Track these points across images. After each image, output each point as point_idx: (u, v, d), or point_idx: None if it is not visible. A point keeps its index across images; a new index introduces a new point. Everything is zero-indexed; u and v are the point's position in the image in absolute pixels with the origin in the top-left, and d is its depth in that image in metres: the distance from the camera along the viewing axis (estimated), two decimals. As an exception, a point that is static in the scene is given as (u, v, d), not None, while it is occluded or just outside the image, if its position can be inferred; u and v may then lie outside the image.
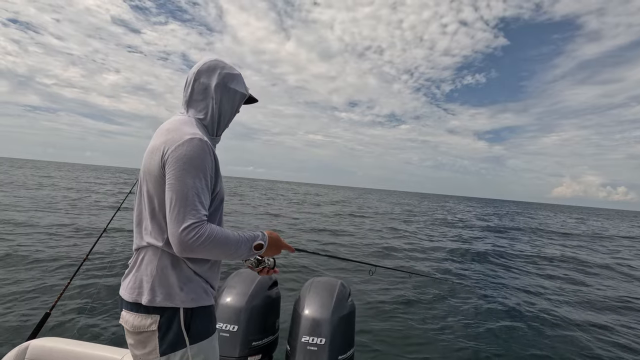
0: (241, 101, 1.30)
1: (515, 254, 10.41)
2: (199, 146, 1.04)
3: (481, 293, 5.96)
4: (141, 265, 1.08)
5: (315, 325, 1.62)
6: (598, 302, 5.95)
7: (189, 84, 1.22)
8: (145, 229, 1.09)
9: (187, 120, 1.15)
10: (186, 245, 0.95)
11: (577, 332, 4.41)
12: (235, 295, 1.81)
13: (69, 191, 18.77)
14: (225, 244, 1.01)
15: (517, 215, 28.38)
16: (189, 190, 0.98)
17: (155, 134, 1.15)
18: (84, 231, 8.36)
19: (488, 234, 15.14)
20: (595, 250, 12.84)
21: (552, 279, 7.44)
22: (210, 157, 1.07)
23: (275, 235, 1.22)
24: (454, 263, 8.45)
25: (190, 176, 1.00)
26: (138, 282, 1.06)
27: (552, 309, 5.27)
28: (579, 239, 16.57)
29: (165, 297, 1.03)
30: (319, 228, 12.31)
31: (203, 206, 1.01)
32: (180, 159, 1.01)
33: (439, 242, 11.32)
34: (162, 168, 1.03)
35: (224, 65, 1.25)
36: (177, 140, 1.04)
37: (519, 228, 19.13)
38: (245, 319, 1.72)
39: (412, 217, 20.58)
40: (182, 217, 0.96)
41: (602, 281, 7.71)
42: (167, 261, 1.06)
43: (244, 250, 1.08)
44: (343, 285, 1.93)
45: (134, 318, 1.05)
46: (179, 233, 0.95)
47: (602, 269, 9.12)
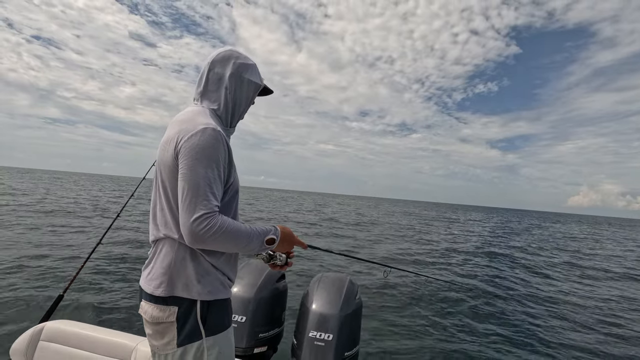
0: (256, 92, 1.28)
1: (535, 263, 10.17)
2: (212, 136, 1.03)
3: (498, 300, 5.90)
4: (159, 257, 1.08)
5: (322, 320, 1.62)
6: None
7: (204, 74, 1.20)
8: (161, 220, 1.09)
9: (201, 110, 1.14)
10: (197, 236, 0.95)
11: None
12: (243, 287, 1.81)
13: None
14: (236, 237, 1.00)
15: (537, 228, 27.29)
16: (200, 180, 0.97)
17: (169, 125, 1.15)
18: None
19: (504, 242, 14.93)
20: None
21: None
22: (224, 147, 1.06)
23: (288, 230, 1.21)
24: (476, 270, 8.35)
25: (202, 166, 0.99)
26: (157, 274, 1.06)
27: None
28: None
29: (183, 289, 1.03)
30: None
31: (215, 197, 1.00)
32: (193, 148, 1.00)
33: (458, 250, 11.20)
34: (176, 158, 1.03)
35: (238, 55, 1.23)
36: (190, 130, 1.03)
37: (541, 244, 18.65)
38: (252, 310, 1.73)
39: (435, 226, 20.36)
40: (194, 207, 0.95)
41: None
42: (185, 253, 1.05)
43: (255, 244, 1.07)
44: (352, 282, 1.93)
45: (152, 309, 1.05)
46: (190, 223, 0.94)
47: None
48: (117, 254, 6.45)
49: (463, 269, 8.19)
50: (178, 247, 1.06)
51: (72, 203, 15.95)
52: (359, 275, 6.26)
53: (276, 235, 1.14)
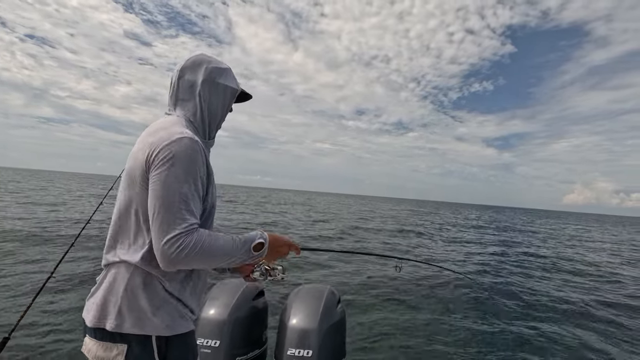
0: (232, 98, 1.18)
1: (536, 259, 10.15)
2: (189, 146, 0.93)
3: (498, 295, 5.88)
4: (109, 284, 0.95)
5: (301, 336, 1.52)
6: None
7: (174, 83, 1.11)
8: (120, 242, 0.97)
9: (175, 120, 1.04)
10: (169, 259, 0.85)
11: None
12: (217, 308, 1.69)
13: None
14: (217, 251, 0.91)
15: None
16: (175, 196, 0.88)
17: (141, 137, 1.04)
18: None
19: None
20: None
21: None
22: (202, 159, 0.97)
23: (276, 235, 1.11)
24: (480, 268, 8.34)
25: (177, 180, 0.89)
26: (103, 304, 0.93)
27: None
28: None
29: (135, 323, 0.90)
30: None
31: (192, 214, 0.90)
32: (167, 160, 0.90)
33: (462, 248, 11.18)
34: (146, 172, 0.92)
35: (210, 59, 1.14)
36: (164, 140, 0.93)
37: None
38: (228, 332, 1.61)
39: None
40: (166, 227, 0.86)
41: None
42: (139, 280, 0.93)
43: (241, 253, 0.97)
44: (332, 291, 1.84)
45: (97, 347, 0.91)
46: (162, 246, 0.85)
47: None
48: (75, 277, 5.77)
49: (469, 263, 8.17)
50: (133, 273, 0.93)
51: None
52: (355, 274, 6.14)
53: (264, 239, 1.04)
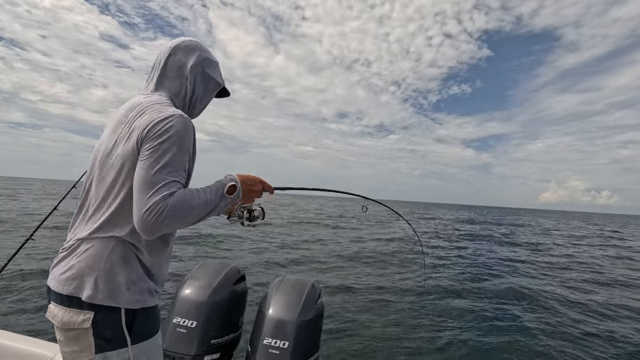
0: (214, 90, 1.21)
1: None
2: (182, 123, 0.95)
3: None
4: (84, 255, 0.94)
5: (279, 327, 1.52)
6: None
7: (162, 59, 1.09)
8: (99, 216, 0.96)
9: (160, 99, 1.04)
10: (150, 226, 0.86)
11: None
12: (197, 289, 1.68)
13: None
14: (194, 206, 0.92)
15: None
16: (163, 169, 0.89)
17: (120, 115, 1.02)
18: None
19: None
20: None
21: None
22: (192, 136, 0.99)
23: (245, 174, 1.12)
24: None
25: (167, 155, 0.91)
26: (77, 274, 0.93)
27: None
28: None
29: (108, 296, 0.92)
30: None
31: (175, 181, 0.91)
32: (160, 135, 0.91)
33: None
34: (138, 151, 0.92)
35: (203, 48, 1.16)
36: (157, 118, 0.94)
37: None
38: (205, 314, 1.60)
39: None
40: (148, 197, 0.86)
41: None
42: (118, 254, 0.94)
43: (217, 200, 0.99)
44: (314, 285, 1.84)
45: (63, 313, 0.92)
46: (142, 215, 0.85)
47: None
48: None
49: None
50: (113, 248, 0.94)
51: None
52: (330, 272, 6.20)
53: (235, 181, 1.05)
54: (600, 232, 25.03)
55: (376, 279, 6.54)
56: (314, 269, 6.90)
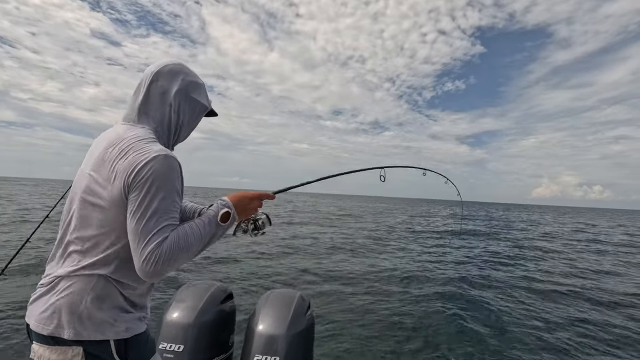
0: (201, 114, 1.17)
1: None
2: (166, 165, 0.92)
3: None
4: (64, 293, 0.91)
5: (269, 342, 1.50)
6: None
7: (143, 86, 1.05)
8: (79, 252, 0.94)
9: (143, 133, 0.99)
10: (151, 275, 0.86)
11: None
12: (182, 311, 1.65)
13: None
14: (190, 243, 0.92)
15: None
16: (153, 216, 0.88)
17: (102, 144, 0.98)
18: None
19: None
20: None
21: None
22: (178, 175, 0.96)
23: (238, 195, 1.10)
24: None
25: (156, 201, 0.89)
26: (58, 313, 0.89)
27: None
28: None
29: (95, 331, 0.90)
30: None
31: (167, 226, 0.90)
32: (146, 181, 0.89)
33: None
34: (124, 193, 0.90)
35: (188, 71, 1.12)
36: (140, 161, 0.90)
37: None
38: (193, 336, 1.57)
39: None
40: (142, 247, 0.86)
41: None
42: (100, 292, 0.92)
43: (212, 230, 0.99)
44: (302, 297, 1.83)
45: (50, 352, 0.89)
46: (141, 265, 0.86)
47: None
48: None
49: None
50: (95, 286, 0.91)
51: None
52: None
53: (228, 207, 1.04)
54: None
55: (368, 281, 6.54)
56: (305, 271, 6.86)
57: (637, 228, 28.58)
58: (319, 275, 6.80)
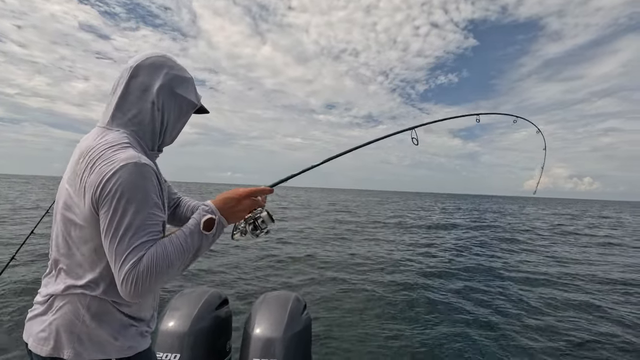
0: (189, 112, 1.06)
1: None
2: (135, 174, 0.82)
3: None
4: (59, 312, 0.87)
5: (266, 345, 1.50)
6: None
7: (121, 82, 0.94)
8: (70, 272, 0.90)
9: (114, 139, 0.89)
10: (132, 297, 0.80)
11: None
12: (177, 319, 1.63)
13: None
14: (172, 260, 0.83)
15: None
16: (126, 233, 0.80)
17: (75, 155, 0.91)
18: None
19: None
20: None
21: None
22: (153, 183, 0.86)
23: (223, 196, 0.97)
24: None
25: (127, 216, 0.81)
26: (55, 333, 0.86)
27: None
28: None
29: (95, 350, 0.86)
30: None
31: (144, 243, 0.82)
32: (113, 196, 0.80)
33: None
34: (96, 211, 0.84)
35: (173, 64, 1.00)
36: (106, 173, 0.81)
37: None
38: (189, 344, 1.56)
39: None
40: (119, 268, 0.80)
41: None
42: (95, 309, 0.88)
43: (196, 242, 0.88)
44: (297, 298, 1.83)
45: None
46: (121, 287, 0.80)
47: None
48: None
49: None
50: (89, 303, 0.88)
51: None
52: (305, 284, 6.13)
53: (212, 213, 0.92)
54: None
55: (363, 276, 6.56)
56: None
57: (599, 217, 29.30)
58: (315, 274, 6.79)
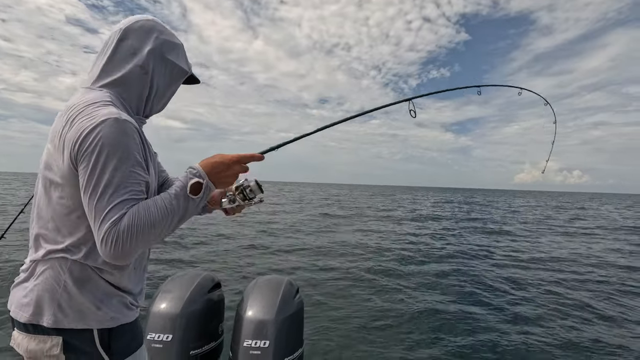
0: (180, 79, 1.03)
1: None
2: (115, 129, 0.79)
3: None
4: (40, 278, 0.86)
5: (258, 327, 1.51)
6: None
7: (110, 44, 0.92)
8: (51, 237, 0.87)
9: (96, 96, 0.86)
10: (113, 257, 0.77)
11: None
12: (169, 302, 1.64)
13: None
14: (154, 221, 0.79)
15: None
16: (106, 191, 0.77)
17: (57, 119, 0.89)
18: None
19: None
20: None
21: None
22: (135, 141, 0.83)
23: (212, 160, 0.92)
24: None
25: (107, 173, 0.78)
26: (36, 299, 0.84)
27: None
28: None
29: (76, 318, 0.84)
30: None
31: (124, 201, 0.79)
32: (92, 151, 0.77)
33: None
34: (75, 168, 0.80)
35: (162, 29, 0.97)
36: (85, 128, 0.78)
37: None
38: (181, 326, 1.56)
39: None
40: (98, 227, 0.77)
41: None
42: (77, 275, 0.85)
43: (182, 205, 0.84)
44: (290, 283, 1.84)
45: (28, 340, 0.85)
46: (101, 247, 0.77)
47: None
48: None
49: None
50: (70, 268, 0.85)
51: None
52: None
53: (200, 176, 0.88)
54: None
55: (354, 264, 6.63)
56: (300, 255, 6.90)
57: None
58: (306, 262, 6.85)
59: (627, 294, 5.43)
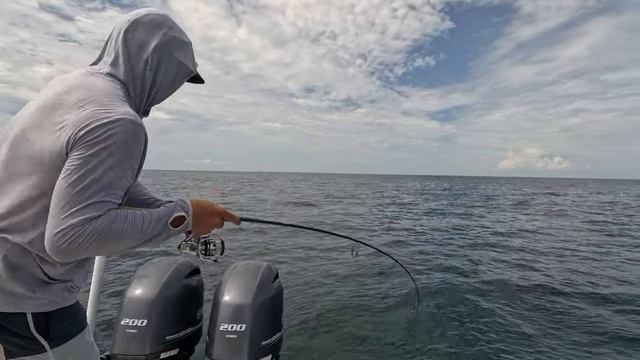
0: (184, 78, 1.03)
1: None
2: (130, 133, 0.78)
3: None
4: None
5: (235, 311, 1.50)
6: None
7: (118, 37, 0.90)
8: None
9: (109, 87, 0.84)
10: (56, 251, 0.71)
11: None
12: (145, 287, 1.60)
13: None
14: (123, 234, 0.76)
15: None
16: (94, 184, 0.74)
17: (55, 89, 0.83)
18: None
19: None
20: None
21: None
22: (140, 147, 0.83)
23: (204, 202, 0.96)
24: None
25: (102, 169, 0.74)
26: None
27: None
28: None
29: (9, 303, 0.79)
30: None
31: (107, 201, 0.76)
32: (99, 143, 0.74)
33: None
34: (66, 152, 0.76)
35: (172, 24, 0.96)
36: (100, 119, 0.75)
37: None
38: (157, 311, 1.54)
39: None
40: (63, 216, 0.71)
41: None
42: (16, 259, 0.80)
43: (157, 230, 0.82)
44: (269, 267, 1.83)
45: None
46: (52, 236, 0.71)
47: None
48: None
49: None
50: (10, 250, 0.79)
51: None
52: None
53: (185, 212, 0.89)
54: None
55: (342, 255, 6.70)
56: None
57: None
58: (289, 246, 6.87)
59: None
